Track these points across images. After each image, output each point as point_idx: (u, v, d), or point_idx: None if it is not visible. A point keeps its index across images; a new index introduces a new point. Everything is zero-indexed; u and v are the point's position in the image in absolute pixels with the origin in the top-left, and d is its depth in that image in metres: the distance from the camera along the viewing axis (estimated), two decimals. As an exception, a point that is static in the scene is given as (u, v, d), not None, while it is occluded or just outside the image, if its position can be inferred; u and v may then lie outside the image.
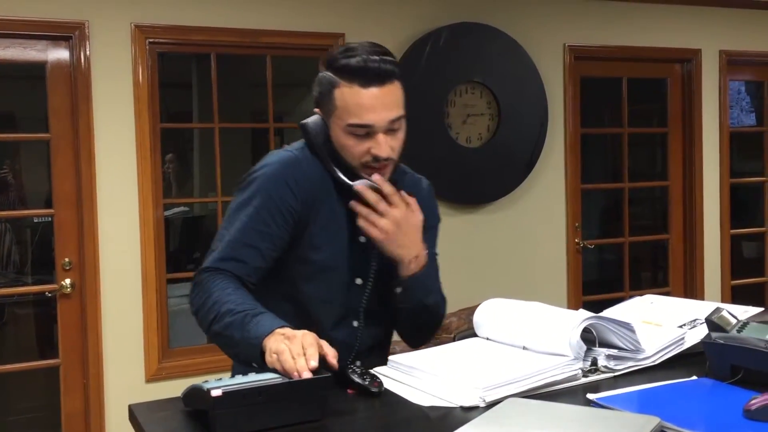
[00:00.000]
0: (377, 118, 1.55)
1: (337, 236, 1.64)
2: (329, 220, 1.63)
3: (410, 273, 1.63)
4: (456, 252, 3.98)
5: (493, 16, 4.04)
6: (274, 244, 1.59)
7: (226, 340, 1.48)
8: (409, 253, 1.62)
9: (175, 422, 1.32)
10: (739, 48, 4.64)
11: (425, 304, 1.68)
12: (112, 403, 3.36)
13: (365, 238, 1.64)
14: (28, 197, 4.80)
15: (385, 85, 1.56)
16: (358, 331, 1.70)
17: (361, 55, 1.55)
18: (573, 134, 4.29)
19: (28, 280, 4.48)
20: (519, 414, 1.25)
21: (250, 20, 3.59)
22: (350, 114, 1.55)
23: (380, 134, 1.56)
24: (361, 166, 1.59)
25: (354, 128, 1.56)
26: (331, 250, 1.64)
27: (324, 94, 1.60)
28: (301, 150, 1.65)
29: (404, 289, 1.65)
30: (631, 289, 4.54)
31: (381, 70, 1.56)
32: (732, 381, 1.40)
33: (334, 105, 1.58)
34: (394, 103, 1.58)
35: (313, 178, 1.62)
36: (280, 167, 1.61)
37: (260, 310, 1.46)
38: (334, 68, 1.58)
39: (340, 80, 1.56)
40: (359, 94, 1.55)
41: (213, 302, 1.50)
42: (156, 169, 3.46)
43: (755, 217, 5.08)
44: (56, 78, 3.33)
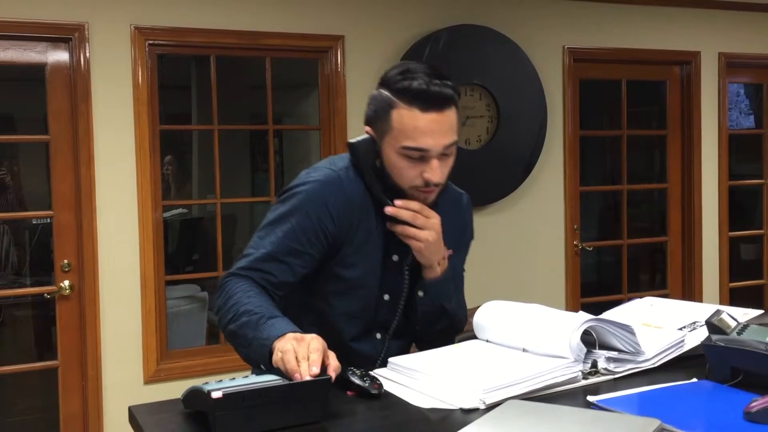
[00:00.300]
0: (433, 144, 1.55)
1: (372, 255, 1.66)
2: (365, 240, 1.65)
3: (436, 276, 1.67)
4: (455, 254, 3.98)
5: (493, 18, 4.05)
6: (306, 262, 1.61)
7: (240, 339, 1.48)
8: (438, 256, 1.66)
9: (175, 424, 1.32)
10: (738, 50, 4.65)
11: (444, 308, 1.72)
12: (110, 404, 3.36)
13: (398, 256, 1.67)
14: (27, 199, 4.80)
15: (444, 110, 1.55)
16: (381, 344, 1.73)
17: (423, 79, 1.54)
18: (572, 136, 4.29)
19: (27, 281, 4.47)
20: (519, 416, 1.25)
21: (249, 22, 3.59)
22: (407, 137, 1.55)
23: (434, 159, 1.56)
24: (411, 189, 1.60)
25: (409, 151, 1.55)
26: (364, 268, 1.66)
27: (379, 113, 1.59)
28: (345, 169, 1.65)
29: (426, 292, 1.69)
30: (629, 291, 4.55)
31: (442, 95, 1.55)
32: (732, 383, 1.40)
33: (390, 126, 1.57)
34: (450, 129, 1.57)
35: (354, 199, 1.63)
36: (322, 188, 1.61)
37: (277, 314, 1.48)
38: (393, 89, 1.57)
39: (398, 102, 1.55)
40: (418, 118, 1.54)
41: (233, 303, 1.52)
42: (155, 170, 3.46)
43: (754, 220, 5.09)
44: (56, 80, 3.33)
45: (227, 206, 4.77)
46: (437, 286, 1.68)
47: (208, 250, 4.61)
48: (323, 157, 3.79)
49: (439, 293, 1.70)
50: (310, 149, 4.60)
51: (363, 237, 1.64)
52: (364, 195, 1.64)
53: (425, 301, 1.69)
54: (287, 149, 5.60)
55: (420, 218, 1.60)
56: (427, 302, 1.69)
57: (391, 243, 1.67)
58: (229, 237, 4.84)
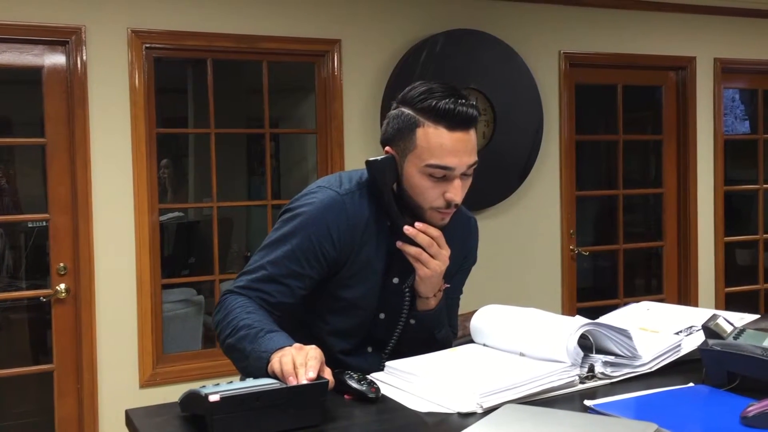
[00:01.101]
0: (459, 163, 1.55)
1: (372, 277, 1.66)
2: (366, 262, 1.64)
3: (429, 308, 1.68)
4: (451, 258, 3.98)
5: (489, 22, 4.06)
6: (305, 284, 1.61)
7: (238, 353, 1.49)
8: (434, 289, 1.67)
9: (172, 427, 1.32)
10: (734, 56, 4.66)
11: (435, 337, 1.73)
12: (105, 408, 3.35)
13: (398, 278, 1.67)
14: (23, 202, 4.78)
15: (469, 130, 1.56)
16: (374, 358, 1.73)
17: (449, 98, 1.54)
18: (568, 141, 4.30)
19: (23, 284, 4.46)
20: (516, 420, 1.25)
21: (246, 26, 3.59)
22: (432, 155, 1.54)
23: (457, 179, 1.56)
24: (430, 210, 1.60)
25: (433, 169, 1.55)
26: (363, 289, 1.66)
27: (403, 132, 1.58)
28: (349, 193, 1.63)
29: (418, 321, 1.70)
30: (625, 296, 4.55)
31: (468, 114, 1.55)
32: (729, 388, 1.41)
33: (414, 144, 1.56)
34: (473, 148, 1.58)
35: (357, 222, 1.62)
36: (324, 211, 1.60)
37: (276, 329, 1.48)
38: (418, 108, 1.56)
39: (424, 120, 1.55)
40: (444, 137, 1.53)
41: (232, 318, 1.52)
42: (151, 174, 3.46)
43: (749, 225, 5.10)
44: (52, 83, 3.33)
45: (224, 210, 4.77)
46: (430, 318, 1.70)
47: (204, 254, 4.60)
48: (319, 161, 3.83)
49: (431, 324, 1.71)
50: (306, 153, 4.61)
51: (364, 260, 1.64)
52: (369, 218, 1.63)
53: (416, 328, 1.71)
54: (284, 153, 5.59)
55: (435, 247, 1.60)
56: (419, 330, 1.71)
57: (393, 265, 1.67)
58: (225, 241, 4.84)
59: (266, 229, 3.83)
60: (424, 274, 1.61)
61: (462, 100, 1.55)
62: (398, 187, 1.62)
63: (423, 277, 1.62)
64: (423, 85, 1.59)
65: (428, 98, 1.55)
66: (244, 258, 5.22)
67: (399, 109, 1.60)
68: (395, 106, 1.62)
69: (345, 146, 3.77)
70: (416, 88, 1.59)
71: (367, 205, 1.63)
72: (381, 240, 1.65)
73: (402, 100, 1.61)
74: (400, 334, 1.72)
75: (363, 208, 1.63)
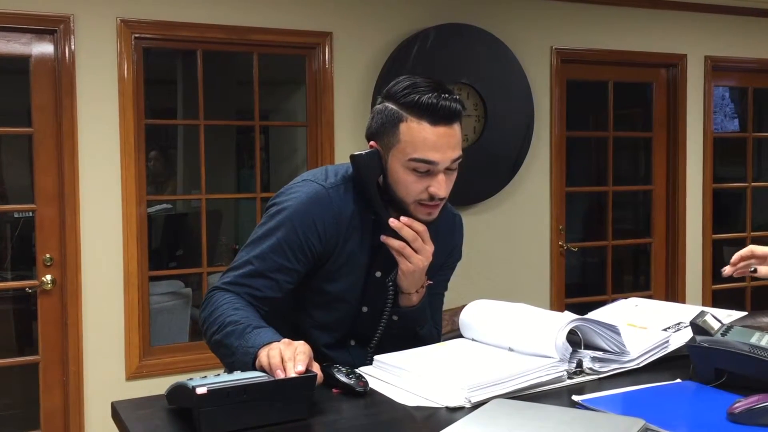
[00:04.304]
0: (442, 157, 1.55)
1: (355, 270, 1.66)
2: (350, 256, 1.65)
3: (410, 304, 1.68)
4: (440, 253, 3.98)
5: (481, 17, 4.05)
6: (292, 278, 1.61)
7: (225, 349, 1.48)
8: (417, 285, 1.66)
9: (159, 420, 1.31)
10: (724, 54, 4.68)
11: (417, 334, 1.73)
12: (91, 400, 3.33)
13: (381, 272, 1.67)
14: (9, 192, 4.74)
15: (452, 124, 1.56)
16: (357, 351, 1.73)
17: (432, 93, 1.53)
18: (558, 137, 4.30)
19: (8, 275, 4.42)
20: (504, 415, 1.24)
21: (237, 17, 3.57)
22: (416, 149, 1.54)
23: (441, 174, 1.57)
24: (415, 204, 1.60)
25: (417, 163, 1.55)
26: (347, 283, 1.66)
27: (387, 126, 1.58)
28: (334, 187, 1.63)
29: (401, 317, 1.70)
30: (613, 292, 4.57)
31: (451, 109, 1.55)
32: (716, 384, 1.41)
33: (397, 139, 1.56)
34: (457, 143, 1.58)
35: (342, 216, 1.62)
36: (310, 204, 1.60)
37: (263, 325, 1.48)
38: (401, 103, 1.56)
39: (407, 115, 1.55)
40: (427, 131, 1.53)
41: (219, 314, 1.52)
42: (140, 165, 3.44)
43: (737, 223, 5.12)
44: (40, 72, 3.29)
45: (212, 202, 4.75)
46: (412, 314, 1.70)
47: (192, 246, 4.58)
48: (309, 154, 3.82)
49: (414, 320, 1.71)
50: (296, 146, 4.59)
51: (348, 253, 1.64)
52: (354, 212, 1.63)
53: (399, 324, 1.71)
54: (274, 145, 5.58)
55: (419, 242, 1.60)
56: (402, 326, 1.71)
57: (376, 259, 1.67)
58: (213, 233, 4.81)
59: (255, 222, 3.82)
60: (406, 269, 1.61)
61: (445, 95, 1.54)
62: (383, 182, 1.62)
63: (405, 272, 1.62)
64: (407, 79, 1.59)
65: (412, 93, 1.54)
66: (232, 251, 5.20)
67: (383, 104, 1.60)
68: (380, 101, 1.62)
69: (335, 139, 3.76)
70: (400, 83, 1.58)
71: (352, 199, 1.63)
72: (365, 234, 1.65)
73: (386, 95, 1.60)
74: (383, 329, 1.71)
75: (348, 202, 1.63)
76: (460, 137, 1.59)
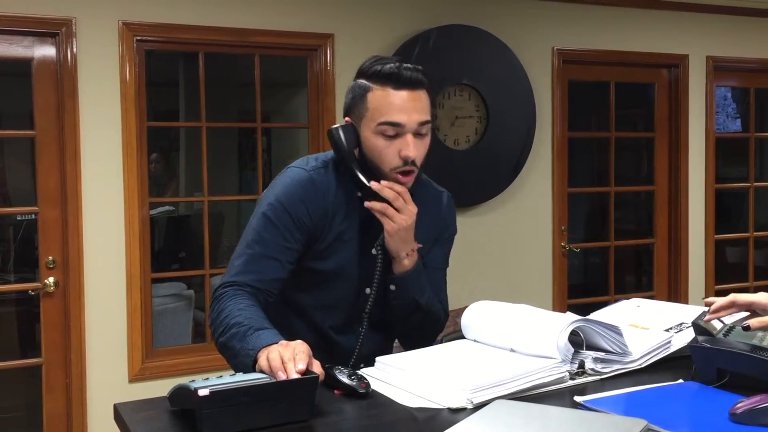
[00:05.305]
0: (408, 119, 1.62)
1: (347, 247, 1.71)
2: (339, 233, 1.70)
3: (405, 269, 1.71)
4: (443, 254, 3.98)
5: (483, 18, 4.05)
6: (292, 256, 1.67)
7: (229, 351, 1.52)
8: (406, 248, 1.69)
9: (161, 422, 1.31)
10: (726, 54, 4.68)
11: (418, 303, 1.74)
12: (94, 403, 3.33)
13: (376, 250, 1.71)
14: (12, 194, 4.75)
15: (415, 90, 1.65)
16: (361, 337, 1.76)
17: (394, 63, 1.65)
18: (560, 137, 4.30)
19: (11, 278, 4.43)
20: (506, 416, 1.25)
21: (238, 19, 3.57)
22: (382, 113, 1.63)
23: (409, 135, 1.63)
24: (390, 171, 1.65)
25: (384, 126, 1.63)
26: (338, 260, 1.70)
27: (356, 99, 1.68)
28: (315, 169, 1.71)
29: (398, 286, 1.72)
30: (615, 292, 4.56)
31: (413, 76, 1.64)
32: (718, 384, 1.41)
33: (366, 108, 1.66)
34: (423, 108, 1.65)
35: (326, 194, 1.69)
36: (294, 186, 1.68)
37: (265, 326, 1.51)
38: (367, 75, 1.67)
39: (373, 85, 1.65)
40: (391, 96, 1.63)
41: (225, 316, 1.56)
42: (142, 167, 3.44)
43: (739, 223, 5.12)
44: (42, 75, 3.30)
45: (215, 204, 4.75)
46: (408, 280, 1.72)
47: (194, 248, 4.58)
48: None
49: (411, 287, 1.73)
50: (298, 147, 4.59)
51: (337, 230, 1.70)
52: (337, 190, 1.70)
53: (397, 295, 1.73)
54: (275, 147, 5.58)
55: (400, 200, 1.65)
56: (399, 296, 1.73)
57: (369, 236, 1.71)
58: (216, 235, 4.82)
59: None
60: (391, 229, 1.65)
61: (407, 65, 1.65)
62: (361, 156, 1.69)
63: (390, 232, 1.66)
64: (374, 57, 1.71)
65: (375, 64, 1.66)
66: (234, 253, 5.18)
67: (354, 82, 1.71)
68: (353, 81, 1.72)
69: (337, 141, 3.76)
70: (368, 61, 1.70)
71: (334, 178, 1.71)
72: (351, 210, 1.71)
73: (357, 75, 1.71)
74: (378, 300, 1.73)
75: (330, 181, 1.70)
76: (427, 104, 1.67)
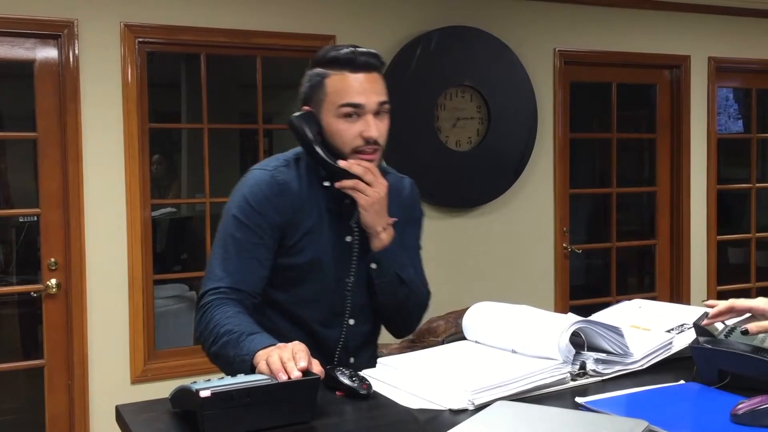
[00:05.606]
0: (367, 100, 1.67)
1: (320, 238, 1.72)
2: (308, 226, 1.71)
3: (383, 244, 1.71)
4: (444, 255, 3.99)
5: (484, 19, 4.05)
6: (269, 253, 1.68)
7: (223, 359, 1.53)
8: (382, 221, 1.71)
9: (163, 423, 1.32)
10: (728, 55, 4.67)
11: (401, 278, 1.75)
12: (96, 404, 3.34)
13: (351, 237, 1.73)
14: (14, 196, 4.76)
15: (371, 72, 1.70)
16: (346, 328, 1.76)
17: (349, 48, 1.70)
18: (562, 139, 4.30)
19: (13, 279, 4.44)
20: (508, 417, 1.25)
21: (240, 21, 3.58)
22: (341, 96, 1.66)
23: (369, 115, 1.67)
24: (353, 152, 1.68)
25: (345, 108, 1.66)
26: (311, 253, 1.71)
27: (314, 86, 1.71)
28: (276, 168, 1.74)
29: (379, 263, 1.72)
30: (617, 293, 4.56)
31: (368, 60, 1.70)
32: (719, 386, 1.41)
33: (325, 93, 1.69)
34: (380, 89, 1.71)
35: (291, 190, 1.71)
36: (258, 186, 1.71)
37: (257, 330, 1.52)
38: (324, 62, 1.71)
39: (330, 71, 1.69)
40: (349, 78, 1.67)
41: (213, 325, 1.57)
42: (144, 169, 3.44)
43: (741, 224, 5.11)
44: (44, 77, 3.31)
45: (216, 205, 4.72)
46: (388, 255, 1.72)
47: (196, 250, 4.58)
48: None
49: (392, 262, 1.73)
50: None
51: (306, 224, 1.71)
52: (301, 185, 1.72)
53: (380, 273, 1.73)
54: (277, 149, 5.56)
55: (370, 174, 1.68)
56: (383, 274, 1.73)
57: (339, 226, 1.73)
58: (218, 236, 4.80)
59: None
60: (365, 202, 1.67)
61: (361, 49, 1.70)
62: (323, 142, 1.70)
63: (365, 206, 1.67)
64: (327, 47, 1.76)
65: (331, 52, 1.71)
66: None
67: (310, 71, 1.74)
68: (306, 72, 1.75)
69: (338, 142, 3.76)
70: (322, 51, 1.74)
71: (297, 173, 1.73)
72: (318, 203, 1.72)
73: (310, 66, 1.75)
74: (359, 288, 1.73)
75: (292, 177, 1.73)
76: (383, 86, 1.72)
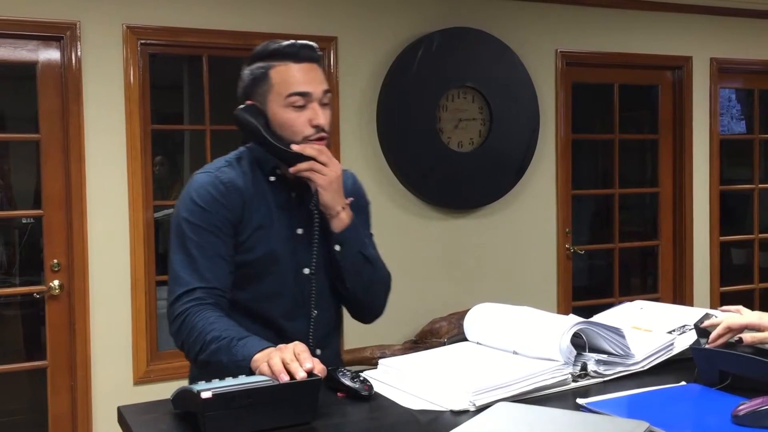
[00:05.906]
0: (314, 89, 1.70)
1: (272, 232, 1.72)
2: (258, 221, 1.72)
3: (344, 224, 1.72)
4: (446, 256, 3.99)
5: (486, 21, 4.05)
6: (228, 249, 1.69)
7: (214, 366, 1.51)
8: (341, 200, 1.72)
9: (165, 425, 1.32)
10: (730, 56, 4.67)
11: (365, 256, 1.76)
12: (99, 405, 3.34)
13: (302, 230, 1.74)
14: (17, 197, 4.77)
15: (313, 63, 1.73)
16: (312, 320, 1.76)
17: (288, 41, 1.72)
18: (564, 140, 4.30)
19: (16, 281, 4.44)
20: (509, 418, 1.25)
21: (242, 22, 3.58)
22: (289, 86, 1.68)
23: (316, 103, 1.70)
24: (303, 141, 1.69)
25: (293, 98, 1.68)
26: (264, 247, 1.71)
27: (257, 79, 1.72)
28: (218, 169, 1.74)
29: (342, 244, 1.73)
30: (620, 294, 4.55)
31: (309, 53, 1.73)
32: (720, 387, 1.41)
33: (270, 85, 1.70)
34: (323, 78, 1.74)
35: (237, 188, 1.71)
36: (203, 188, 1.70)
37: (245, 334, 1.51)
38: (265, 55, 1.72)
39: (273, 63, 1.71)
40: (294, 69, 1.70)
41: (198, 332, 1.56)
42: (146, 170, 3.45)
43: (744, 224, 5.11)
44: (47, 78, 3.31)
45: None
46: (351, 234, 1.73)
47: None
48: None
49: (354, 241, 1.74)
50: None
51: (255, 219, 1.71)
52: (246, 182, 1.72)
53: (344, 254, 1.73)
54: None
55: (324, 155, 1.69)
56: (347, 254, 1.73)
57: (289, 218, 1.74)
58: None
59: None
60: (323, 182, 1.68)
61: (301, 42, 1.73)
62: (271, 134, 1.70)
63: (324, 185, 1.68)
64: (263, 43, 1.75)
65: (271, 45, 1.73)
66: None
67: (246, 70, 1.75)
68: (243, 69, 1.76)
69: (340, 144, 3.77)
70: (259, 46, 1.75)
71: (240, 171, 1.74)
72: (265, 198, 1.73)
73: (248, 62, 1.75)
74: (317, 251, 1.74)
75: (237, 175, 1.73)
76: (324, 76, 1.75)
